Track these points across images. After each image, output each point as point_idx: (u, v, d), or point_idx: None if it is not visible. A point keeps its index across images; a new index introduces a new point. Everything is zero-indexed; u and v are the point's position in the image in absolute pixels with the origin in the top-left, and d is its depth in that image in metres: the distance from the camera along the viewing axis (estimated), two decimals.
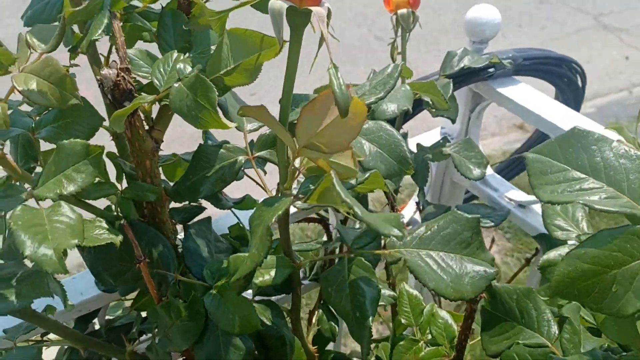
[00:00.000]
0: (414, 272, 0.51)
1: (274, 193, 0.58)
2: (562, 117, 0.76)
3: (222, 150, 0.53)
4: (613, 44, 3.24)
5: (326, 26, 0.40)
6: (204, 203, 0.67)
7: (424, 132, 0.97)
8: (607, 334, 0.51)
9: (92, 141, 0.51)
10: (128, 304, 0.85)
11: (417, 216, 0.98)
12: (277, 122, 0.44)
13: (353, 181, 0.45)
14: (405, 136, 0.88)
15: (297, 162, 0.48)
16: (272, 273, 0.55)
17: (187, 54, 0.49)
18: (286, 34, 0.41)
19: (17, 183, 0.49)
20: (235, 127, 0.55)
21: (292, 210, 0.85)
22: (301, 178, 0.51)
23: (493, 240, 0.95)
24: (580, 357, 0.51)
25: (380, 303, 0.71)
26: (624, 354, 0.51)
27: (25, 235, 0.41)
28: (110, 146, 0.58)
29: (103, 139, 0.55)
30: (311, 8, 0.40)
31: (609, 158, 0.43)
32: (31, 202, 0.46)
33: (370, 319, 0.52)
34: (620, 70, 3.06)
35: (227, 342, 0.56)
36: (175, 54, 0.47)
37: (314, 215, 0.90)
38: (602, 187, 0.42)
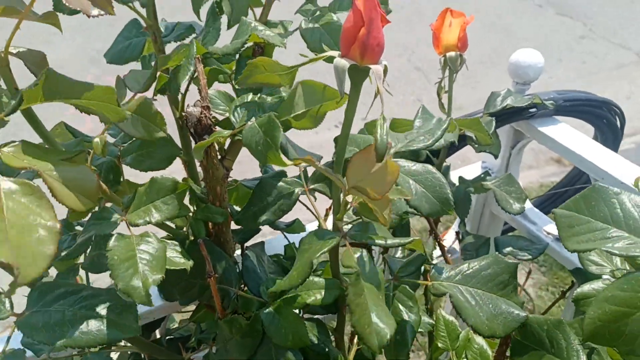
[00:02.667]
0: (457, 307, 0.56)
1: (322, 215, 0.63)
2: (600, 157, 0.79)
3: (281, 182, 0.59)
4: None
5: (382, 82, 0.45)
6: None
7: (464, 167, 1.02)
8: None
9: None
10: (177, 317, 0.92)
11: (456, 245, 1.02)
12: (325, 169, 0.50)
13: (397, 241, 0.51)
14: (447, 169, 0.93)
15: (349, 197, 0.53)
16: (322, 293, 0.60)
17: (258, 95, 0.56)
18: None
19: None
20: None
21: None
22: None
23: (530, 272, 0.98)
24: None
25: (419, 330, 0.75)
26: None
27: (120, 269, 0.46)
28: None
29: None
30: (370, 66, 0.45)
31: (628, 209, 0.48)
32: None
33: (409, 342, 0.56)
34: None
35: (279, 356, 0.61)
36: (251, 96, 0.54)
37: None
38: (622, 235, 0.47)
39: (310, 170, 0.65)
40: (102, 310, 0.48)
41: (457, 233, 0.98)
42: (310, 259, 0.52)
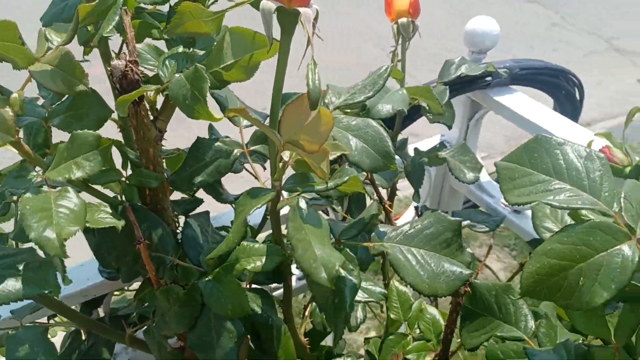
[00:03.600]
0: (394, 265, 0.54)
1: (268, 186, 0.61)
2: (556, 124, 0.79)
3: (218, 143, 0.56)
4: (625, 67, 3.25)
5: (312, 27, 0.43)
6: (207, 199, 0.71)
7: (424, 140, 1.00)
8: (579, 328, 0.53)
9: (101, 132, 0.55)
10: (130, 296, 0.89)
11: None
12: (259, 121, 0.47)
13: (332, 183, 0.49)
14: (405, 142, 0.91)
15: (285, 155, 0.51)
16: (263, 260, 0.58)
17: (191, 49, 0.53)
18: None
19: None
20: (233, 123, 0.59)
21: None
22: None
23: (491, 247, 0.97)
24: (554, 347, 0.53)
25: (370, 299, 0.74)
26: (600, 345, 0.53)
27: (32, 218, 0.44)
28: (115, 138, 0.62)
29: (110, 131, 0.59)
30: (299, 9, 0.43)
31: (571, 160, 0.46)
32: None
33: (348, 305, 0.54)
34: (633, 93, 3.07)
35: (218, 326, 0.59)
36: (181, 49, 0.51)
37: None
38: (565, 187, 0.45)
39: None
40: (20, 267, 0.45)
41: (416, 208, 0.97)
42: (244, 217, 0.50)
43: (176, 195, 0.69)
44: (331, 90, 0.59)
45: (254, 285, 0.67)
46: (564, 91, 0.92)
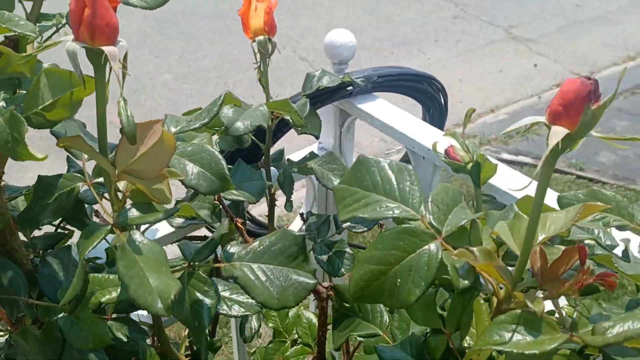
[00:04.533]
0: (245, 286, 0.56)
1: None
2: (410, 127, 0.83)
3: (61, 179, 0.57)
4: (523, 53, 3.44)
5: (120, 64, 0.45)
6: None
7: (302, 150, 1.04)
8: (417, 321, 0.57)
9: None
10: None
11: (305, 227, 1.04)
12: (95, 151, 0.48)
13: (161, 215, 0.50)
14: (281, 153, 0.94)
15: (121, 185, 0.52)
16: (118, 290, 0.59)
17: (16, 91, 0.53)
18: None
19: None
20: (73, 157, 0.59)
21: (170, 230, 0.90)
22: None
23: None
24: (401, 342, 0.57)
25: (246, 312, 0.76)
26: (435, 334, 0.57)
27: None
28: None
29: None
30: (103, 48, 0.44)
31: (386, 175, 0.50)
32: None
33: (207, 326, 0.56)
34: (530, 78, 3.25)
35: (82, 359, 0.59)
36: (2, 94, 0.51)
37: (199, 234, 0.95)
38: (381, 199, 0.49)
39: None
40: None
41: (301, 215, 1.00)
42: (83, 259, 0.51)
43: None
44: (169, 119, 0.61)
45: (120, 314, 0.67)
46: (429, 95, 0.98)
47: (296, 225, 1.04)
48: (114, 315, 0.65)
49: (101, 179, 0.59)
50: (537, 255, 0.47)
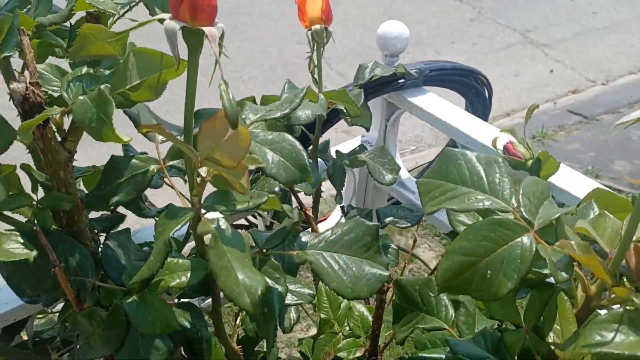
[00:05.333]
0: (318, 273, 0.56)
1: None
2: (463, 122, 0.83)
3: (134, 160, 0.56)
4: (539, 58, 3.43)
5: (218, 45, 0.44)
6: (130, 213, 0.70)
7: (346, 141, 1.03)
8: (494, 315, 0.56)
9: (9, 153, 0.53)
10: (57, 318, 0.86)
11: (344, 220, 1.03)
12: (175, 137, 0.47)
13: (252, 203, 0.50)
14: (327, 144, 0.93)
15: (203, 171, 0.51)
16: (188, 275, 0.58)
17: (95, 69, 0.52)
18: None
19: None
20: (147, 139, 0.58)
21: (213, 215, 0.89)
22: None
23: (415, 241, 1.01)
24: (473, 337, 0.56)
25: (299, 302, 0.75)
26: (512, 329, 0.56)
27: None
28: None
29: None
30: (203, 28, 0.43)
31: (473, 167, 0.49)
32: None
33: (277, 314, 0.55)
34: (546, 83, 3.24)
35: (146, 344, 0.58)
36: (85, 69, 0.50)
37: (243, 222, 0.94)
38: (469, 192, 0.49)
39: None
40: None
41: (342, 208, 0.99)
42: (165, 239, 0.50)
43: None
44: (248, 107, 0.60)
45: (183, 300, 0.66)
46: (474, 90, 0.97)
47: (334, 218, 1.03)
48: (177, 301, 0.64)
49: (174, 162, 0.58)
50: (632, 253, 0.46)
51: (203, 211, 0.51)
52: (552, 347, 0.52)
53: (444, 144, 2.85)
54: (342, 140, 1.19)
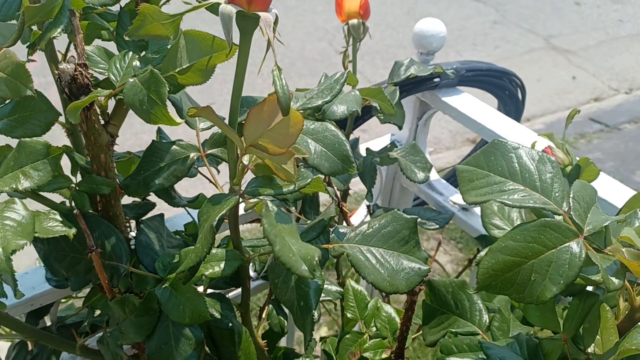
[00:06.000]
0: (355, 265, 0.55)
1: (226, 190, 0.60)
2: (500, 124, 0.81)
3: (174, 146, 0.55)
4: (561, 65, 3.39)
5: (272, 31, 0.43)
6: (159, 202, 0.69)
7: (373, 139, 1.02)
8: (532, 321, 0.55)
9: (46, 136, 0.53)
10: (79, 304, 0.86)
11: (369, 219, 1.02)
12: (223, 122, 0.47)
13: (295, 185, 0.49)
14: (356, 142, 0.92)
15: (245, 160, 0.51)
16: (222, 265, 0.57)
17: (143, 52, 0.51)
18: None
19: None
20: (188, 126, 0.57)
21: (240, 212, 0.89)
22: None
23: (439, 244, 0.99)
24: (507, 341, 0.55)
25: (327, 298, 0.74)
26: (549, 337, 0.55)
27: None
28: (62, 141, 0.60)
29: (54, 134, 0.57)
30: (259, 13, 0.43)
31: (525, 163, 0.48)
32: None
33: (314, 307, 0.54)
34: (568, 90, 3.21)
35: (177, 333, 0.58)
36: (132, 52, 0.50)
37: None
38: (518, 188, 0.47)
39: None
40: None
41: (368, 207, 0.98)
42: (211, 224, 0.49)
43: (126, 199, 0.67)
44: None
45: (210, 290, 0.66)
46: (507, 92, 0.96)
47: (359, 217, 1.02)
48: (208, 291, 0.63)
49: (213, 150, 0.57)
50: None
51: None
52: (591, 358, 0.51)
53: (462, 147, 2.84)
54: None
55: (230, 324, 0.61)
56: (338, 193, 0.84)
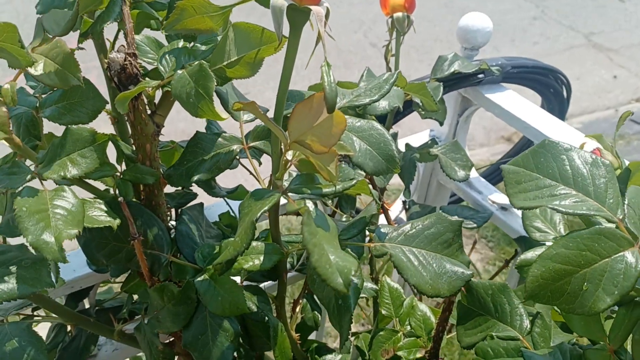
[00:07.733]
0: (398, 267, 0.54)
1: (266, 183, 0.60)
2: (546, 124, 0.79)
3: (219, 138, 0.55)
4: (602, 63, 3.30)
5: (324, 25, 0.42)
6: (198, 191, 0.70)
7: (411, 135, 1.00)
8: (575, 330, 0.54)
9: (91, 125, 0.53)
10: (116, 288, 0.87)
11: (403, 215, 1.01)
12: (268, 118, 0.46)
13: (340, 186, 0.48)
14: (395, 136, 0.91)
15: (289, 154, 0.50)
16: (261, 259, 0.57)
17: (192, 43, 0.51)
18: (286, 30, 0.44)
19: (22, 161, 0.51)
20: (233, 118, 0.57)
21: (283, 201, 0.89)
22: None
23: (475, 243, 0.98)
24: (549, 349, 0.54)
25: (362, 295, 0.74)
26: (592, 347, 0.54)
27: (29, 221, 0.42)
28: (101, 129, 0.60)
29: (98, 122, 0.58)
30: (311, 7, 0.42)
31: (577, 166, 0.46)
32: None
33: (353, 307, 0.54)
34: (608, 89, 3.12)
35: (215, 324, 0.58)
36: (181, 43, 0.50)
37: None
38: (570, 193, 0.45)
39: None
40: (11, 265, 0.44)
41: (404, 203, 0.97)
42: (252, 219, 0.49)
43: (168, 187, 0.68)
44: None
45: (247, 283, 0.66)
46: (552, 89, 0.93)
47: (394, 212, 1.01)
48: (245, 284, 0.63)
49: (257, 143, 0.57)
50: None
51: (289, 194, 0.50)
52: None
53: (496, 144, 2.79)
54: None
55: (267, 318, 0.61)
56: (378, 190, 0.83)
